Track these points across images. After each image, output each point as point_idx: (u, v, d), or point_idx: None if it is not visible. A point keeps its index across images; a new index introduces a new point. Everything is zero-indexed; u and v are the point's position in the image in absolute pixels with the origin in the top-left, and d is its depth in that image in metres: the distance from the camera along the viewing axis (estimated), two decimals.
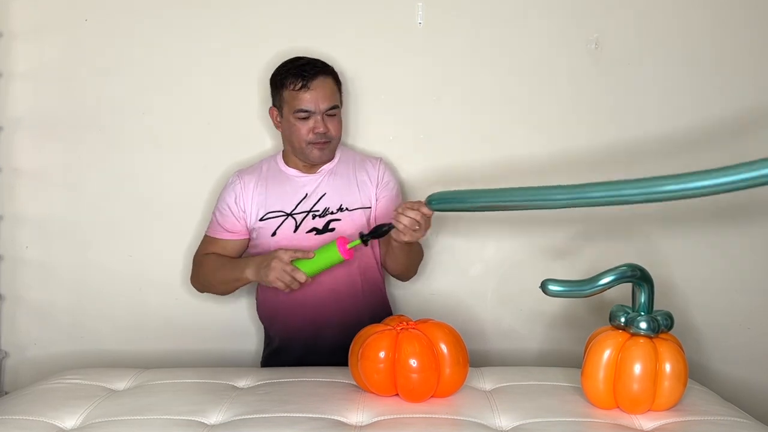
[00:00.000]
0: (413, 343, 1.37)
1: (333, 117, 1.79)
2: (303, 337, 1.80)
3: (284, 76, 1.78)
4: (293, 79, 1.76)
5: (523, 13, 2.02)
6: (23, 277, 2.06)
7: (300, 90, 1.75)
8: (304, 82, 1.75)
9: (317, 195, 1.83)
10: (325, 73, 1.78)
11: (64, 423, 1.30)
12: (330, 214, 1.81)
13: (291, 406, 1.34)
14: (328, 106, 1.77)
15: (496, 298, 2.08)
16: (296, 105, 1.76)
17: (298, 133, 1.78)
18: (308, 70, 1.76)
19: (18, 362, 2.08)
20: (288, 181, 1.84)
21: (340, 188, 1.83)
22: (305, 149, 1.79)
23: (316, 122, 1.76)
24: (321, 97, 1.76)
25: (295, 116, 1.77)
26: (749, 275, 2.06)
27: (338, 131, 1.82)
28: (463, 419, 1.31)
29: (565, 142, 2.05)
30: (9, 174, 2.04)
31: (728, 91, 2.03)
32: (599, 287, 1.36)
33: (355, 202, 1.83)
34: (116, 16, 2.01)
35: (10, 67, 2.01)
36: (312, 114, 1.76)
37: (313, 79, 1.75)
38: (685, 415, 1.33)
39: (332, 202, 1.82)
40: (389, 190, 1.86)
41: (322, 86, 1.76)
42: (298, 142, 1.79)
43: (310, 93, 1.75)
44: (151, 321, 2.07)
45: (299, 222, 1.81)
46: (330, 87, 1.78)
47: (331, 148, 1.82)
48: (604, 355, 1.34)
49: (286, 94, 1.78)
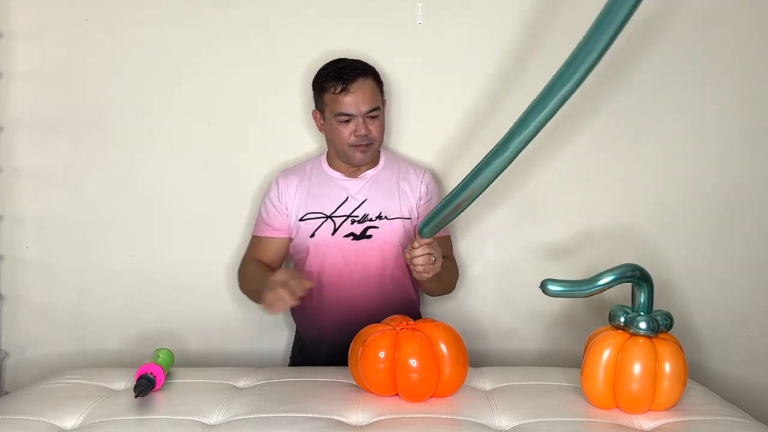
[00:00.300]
0: (413, 343, 1.37)
1: (375, 119, 1.78)
2: (331, 339, 1.80)
3: (324, 80, 1.78)
4: (333, 82, 1.76)
5: (523, 13, 2.02)
6: (23, 277, 2.07)
7: (340, 93, 1.75)
8: (344, 86, 1.74)
9: (358, 200, 1.83)
10: (365, 75, 1.77)
11: (64, 423, 1.30)
12: (369, 220, 1.81)
13: (291, 406, 1.34)
14: (368, 109, 1.76)
15: (496, 298, 2.08)
16: (337, 108, 1.76)
17: (340, 135, 1.78)
18: (348, 72, 1.75)
19: (18, 362, 2.08)
20: (330, 183, 1.85)
21: (382, 196, 1.83)
22: (347, 151, 1.80)
23: (357, 125, 1.76)
24: (361, 99, 1.75)
25: (337, 119, 1.77)
26: (749, 275, 2.06)
27: (380, 133, 1.81)
28: (463, 419, 1.31)
29: (565, 141, 2.05)
30: (9, 174, 2.04)
31: (728, 91, 2.03)
32: (599, 287, 1.36)
33: (395, 211, 1.82)
34: (116, 17, 2.02)
35: (11, 67, 2.01)
36: (353, 117, 1.76)
37: (353, 82, 1.75)
38: (684, 415, 1.33)
39: (372, 209, 1.82)
40: (432, 204, 1.84)
41: (362, 89, 1.75)
42: (341, 144, 1.79)
43: (350, 96, 1.75)
44: (151, 321, 2.07)
45: (338, 225, 1.80)
46: (370, 89, 1.77)
47: (374, 150, 1.82)
48: (604, 355, 1.34)
49: (326, 97, 1.78)
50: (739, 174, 2.05)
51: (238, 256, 2.04)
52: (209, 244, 2.07)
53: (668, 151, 2.04)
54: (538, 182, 2.06)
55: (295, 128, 2.05)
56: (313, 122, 1.98)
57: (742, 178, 2.05)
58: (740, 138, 2.04)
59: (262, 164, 2.05)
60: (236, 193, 2.06)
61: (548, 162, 2.05)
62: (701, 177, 2.05)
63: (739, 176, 2.05)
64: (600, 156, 2.05)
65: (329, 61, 1.82)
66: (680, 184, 2.05)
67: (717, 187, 2.05)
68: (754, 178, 2.05)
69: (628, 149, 2.05)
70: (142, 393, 1.36)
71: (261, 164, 2.05)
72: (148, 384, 1.39)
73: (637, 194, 2.05)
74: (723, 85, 2.03)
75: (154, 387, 1.41)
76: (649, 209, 2.05)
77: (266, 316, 2.04)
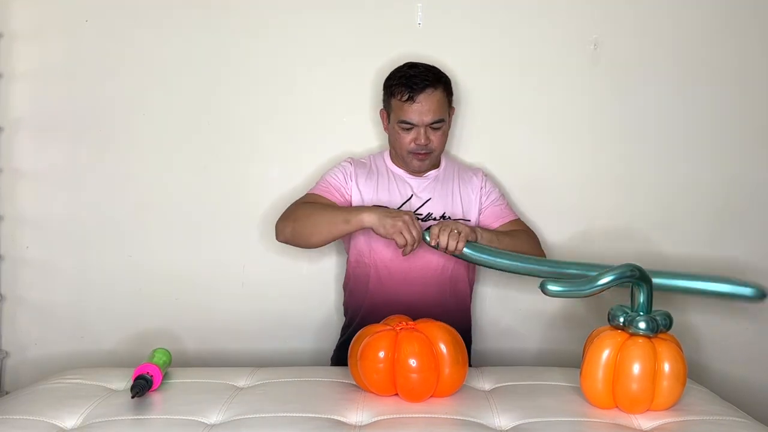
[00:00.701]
0: (413, 343, 1.37)
1: (437, 130, 1.79)
2: None
3: (394, 85, 1.79)
4: (401, 89, 1.76)
5: (522, 15, 2.03)
6: (24, 277, 2.07)
7: (406, 102, 1.76)
8: (410, 94, 1.75)
9: (422, 198, 1.84)
10: (434, 86, 1.76)
11: (64, 423, 1.30)
12: (432, 219, 1.82)
13: (291, 406, 1.34)
14: (431, 120, 1.77)
15: (496, 298, 2.08)
16: (401, 116, 1.77)
17: (401, 141, 1.80)
18: (417, 82, 1.75)
19: (18, 362, 2.08)
20: (395, 179, 1.87)
21: (445, 196, 1.85)
22: (406, 157, 1.82)
23: (419, 134, 1.77)
24: (425, 110, 1.75)
25: (400, 126, 1.78)
26: (748, 275, 2.05)
27: (441, 143, 1.82)
28: (463, 419, 1.31)
29: (563, 142, 2.05)
30: (9, 174, 2.04)
31: (728, 92, 2.04)
32: (598, 287, 1.35)
33: (458, 212, 1.85)
34: (116, 17, 2.02)
35: (11, 68, 2.01)
36: (415, 126, 1.77)
37: (420, 93, 1.75)
38: (683, 414, 1.33)
39: (436, 208, 1.83)
40: (492, 200, 1.88)
41: (428, 100, 1.75)
42: (400, 149, 1.82)
43: (415, 106, 1.75)
44: (151, 321, 2.07)
45: None
46: (437, 100, 1.77)
47: (432, 159, 1.84)
48: (603, 355, 1.34)
49: (393, 102, 1.79)
50: (739, 174, 2.05)
51: (238, 255, 2.05)
52: (209, 244, 2.07)
53: (668, 151, 2.05)
54: (537, 182, 2.06)
55: (295, 128, 2.06)
56: (312, 122, 1.99)
57: (741, 178, 2.05)
58: (740, 138, 2.05)
59: (262, 164, 2.06)
60: (236, 193, 2.06)
61: (548, 162, 2.06)
62: (701, 177, 2.05)
63: (738, 176, 2.05)
64: (600, 156, 2.06)
65: (403, 64, 1.82)
66: (680, 185, 2.05)
67: (717, 187, 2.05)
68: (754, 179, 2.05)
69: (628, 149, 2.05)
70: (139, 393, 1.36)
71: (261, 164, 2.06)
72: (145, 384, 1.39)
73: (637, 194, 2.06)
74: (723, 85, 2.03)
75: (151, 387, 1.41)
76: (648, 209, 2.06)
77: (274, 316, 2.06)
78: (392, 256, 1.79)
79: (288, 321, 2.08)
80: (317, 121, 2.04)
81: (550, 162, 2.06)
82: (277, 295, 2.07)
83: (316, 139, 2.04)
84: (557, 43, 2.03)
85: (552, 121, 2.05)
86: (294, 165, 2.03)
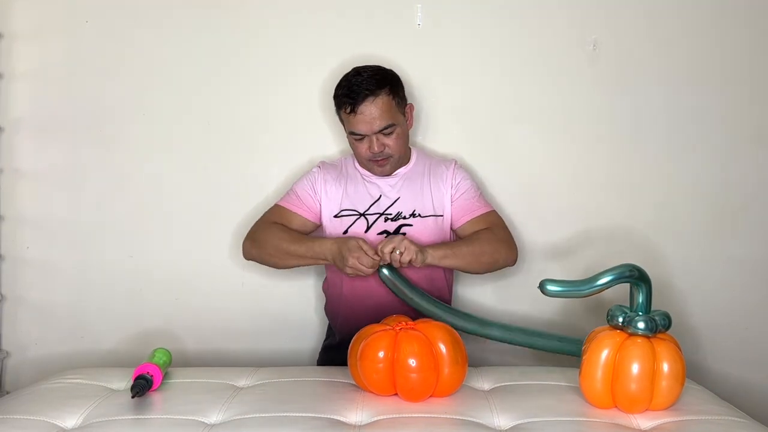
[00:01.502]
0: (412, 343, 1.37)
1: (389, 135, 1.77)
2: None
3: (339, 97, 1.77)
4: (343, 101, 1.75)
5: (521, 15, 2.03)
6: (24, 277, 2.07)
7: (350, 114, 1.74)
8: (352, 107, 1.73)
9: (391, 198, 1.83)
10: (375, 94, 1.72)
11: (64, 422, 1.30)
12: (402, 218, 1.81)
13: (290, 406, 1.35)
14: (380, 128, 1.74)
15: (495, 298, 2.08)
16: (349, 128, 1.77)
17: (357, 151, 1.80)
18: (358, 92, 1.72)
19: (19, 362, 2.08)
20: (363, 182, 1.86)
21: (414, 193, 1.83)
22: (366, 165, 1.82)
23: (371, 143, 1.76)
24: (370, 120, 1.73)
25: (351, 137, 1.78)
26: (747, 275, 2.06)
27: (398, 146, 1.79)
28: (462, 419, 1.31)
29: (563, 142, 2.06)
30: (10, 175, 2.04)
31: (726, 93, 2.04)
32: (597, 287, 1.36)
33: (428, 209, 1.83)
34: (117, 18, 2.02)
35: (12, 68, 2.02)
36: (365, 136, 1.76)
37: (361, 103, 1.72)
38: (682, 414, 1.33)
39: (405, 206, 1.82)
40: (461, 191, 1.84)
41: (370, 109, 1.72)
42: (359, 158, 1.82)
43: (359, 117, 1.73)
44: (151, 321, 2.08)
45: (371, 223, 1.81)
46: (382, 107, 1.73)
47: (393, 163, 1.82)
48: (602, 355, 1.34)
49: (341, 115, 1.79)
50: (739, 175, 2.05)
51: (238, 255, 2.04)
52: (209, 244, 2.08)
53: (667, 151, 2.05)
54: (537, 182, 2.06)
55: (295, 128, 2.06)
56: (312, 124, 2.00)
57: (740, 178, 2.05)
58: (739, 139, 2.05)
59: (262, 164, 2.06)
60: (236, 193, 2.06)
61: (547, 162, 2.06)
62: (700, 177, 2.05)
63: (737, 177, 2.05)
64: (599, 157, 2.06)
65: (349, 72, 1.79)
66: (679, 185, 2.06)
67: (715, 188, 2.06)
68: (753, 179, 2.05)
69: (627, 149, 2.05)
70: (139, 393, 1.36)
71: (261, 164, 2.06)
72: (146, 384, 1.39)
73: (636, 194, 2.06)
74: (722, 85, 2.03)
75: (152, 387, 1.41)
76: (647, 209, 2.06)
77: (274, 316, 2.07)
78: None
79: (288, 321, 2.08)
80: (317, 122, 2.04)
81: (549, 162, 2.06)
82: (277, 295, 2.07)
83: (316, 139, 2.05)
84: (556, 44, 2.03)
85: (551, 121, 2.05)
86: (294, 165, 2.03)
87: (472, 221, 1.82)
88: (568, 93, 2.04)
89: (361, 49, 1.99)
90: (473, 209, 1.83)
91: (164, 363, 1.50)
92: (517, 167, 2.06)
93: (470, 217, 1.83)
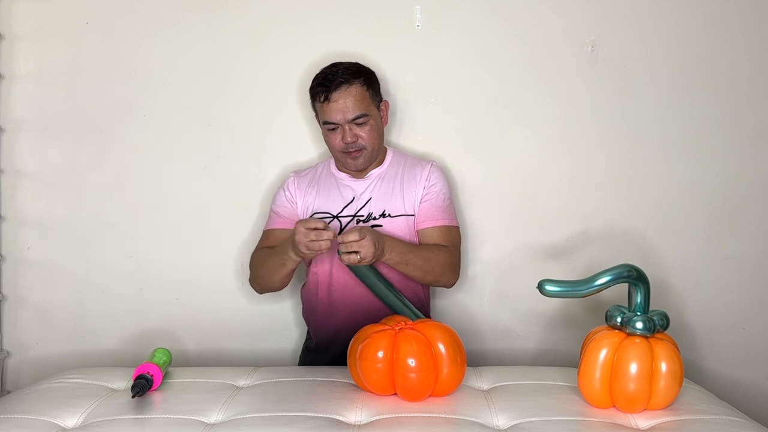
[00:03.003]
0: (411, 343, 1.37)
1: (363, 125, 1.77)
2: (340, 339, 1.79)
3: (313, 88, 1.80)
4: (318, 90, 1.77)
5: (520, 17, 2.03)
6: (25, 277, 2.08)
7: (324, 102, 1.76)
8: (326, 94, 1.75)
9: (363, 199, 1.83)
10: (349, 83, 1.75)
11: (65, 422, 1.31)
12: (373, 219, 1.81)
13: (290, 406, 1.35)
14: (353, 116, 1.75)
15: (494, 299, 2.08)
16: (323, 117, 1.78)
17: (331, 143, 1.81)
18: (332, 80, 1.75)
19: (20, 362, 2.09)
20: (337, 185, 1.86)
21: (386, 194, 1.83)
22: (340, 158, 1.82)
23: (344, 132, 1.76)
24: (344, 108, 1.75)
25: (325, 127, 1.79)
26: (745, 275, 2.06)
27: (371, 138, 1.79)
28: (461, 418, 1.31)
29: (561, 143, 2.06)
30: (11, 175, 2.05)
31: (724, 93, 2.04)
32: (596, 287, 1.36)
33: (398, 208, 1.82)
34: (117, 19, 2.03)
35: (13, 69, 2.02)
36: (338, 125, 1.77)
37: (335, 90, 1.74)
38: (680, 414, 1.33)
39: (376, 207, 1.82)
40: (432, 194, 1.82)
41: (344, 97, 1.74)
42: (333, 151, 1.82)
43: (332, 105, 1.75)
44: (152, 321, 2.08)
45: (344, 225, 1.82)
46: (356, 96, 1.75)
47: (367, 156, 1.81)
48: (601, 355, 1.34)
49: (316, 106, 1.81)
50: (736, 175, 2.05)
51: (238, 255, 2.05)
52: (209, 244, 2.08)
53: (665, 151, 2.05)
54: (535, 183, 2.06)
55: (295, 130, 2.06)
56: (312, 124, 2.00)
57: (738, 179, 2.05)
58: (737, 139, 2.05)
59: (262, 165, 2.06)
60: (236, 194, 2.06)
61: (546, 162, 2.06)
62: (698, 178, 2.06)
63: (735, 177, 2.05)
64: (597, 157, 2.06)
65: (325, 66, 1.82)
66: (677, 185, 2.06)
67: (714, 188, 2.06)
68: (751, 179, 2.05)
69: (626, 150, 2.05)
70: (140, 393, 1.37)
71: (261, 165, 2.06)
72: (146, 384, 1.39)
73: (634, 195, 2.06)
74: (721, 85, 2.04)
75: (152, 387, 1.42)
76: (646, 210, 2.06)
77: (273, 316, 2.07)
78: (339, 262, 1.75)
79: (288, 321, 2.09)
80: (317, 123, 2.04)
81: (548, 162, 2.06)
82: (277, 295, 2.07)
83: (316, 140, 2.05)
84: (555, 44, 2.04)
85: (550, 121, 2.05)
86: (294, 165, 2.03)
87: (433, 229, 1.80)
88: (567, 94, 2.04)
89: (361, 51, 1.99)
90: (437, 217, 1.81)
91: (164, 363, 1.50)
92: (515, 168, 2.06)
93: (432, 224, 1.81)
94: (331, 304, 1.82)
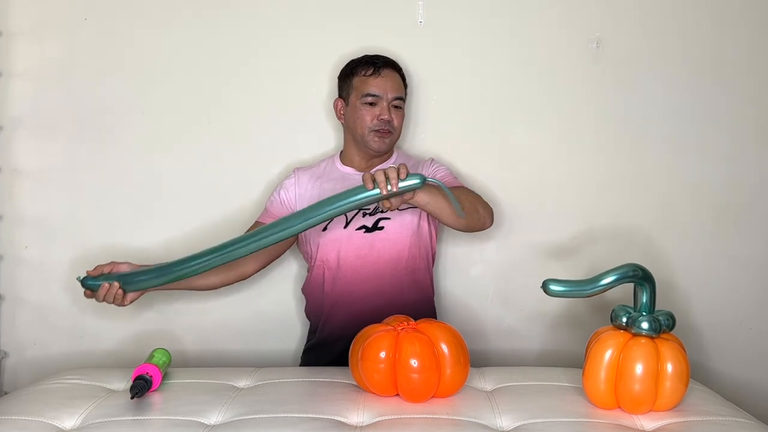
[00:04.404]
0: (414, 344, 1.37)
1: (398, 109, 1.85)
2: (345, 335, 1.74)
3: (356, 65, 1.86)
4: (365, 66, 1.84)
5: (524, 13, 2.02)
6: (23, 277, 2.06)
7: (371, 75, 1.82)
8: (375, 68, 1.83)
9: None
10: (394, 67, 1.86)
11: (63, 423, 1.30)
12: (380, 212, 1.82)
13: (291, 406, 1.34)
14: (395, 96, 1.83)
15: (497, 299, 2.08)
16: (365, 89, 1.82)
17: (362, 119, 1.82)
18: (380, 59, 1.86)
19: (17, 362, 2.08)
20: (342, 179, 1.86)
21: None
22: (366, 137, 1.83)
23: (382, 109, 1.82)
24: (390, 85, 1.83)
25: (363, 101, 1.82)
26: (751, 275, 2.06)
27: (400, 125, 1.87)
28: (464, 419, 1.31)
29: (565, 140, 2.05)
30: (8, 174, 2.03)
31: (729, 90, 2.03)
32: (601, 287, 1.35)
33: None
34: (116, 16, 2.02)
35: (10, 67, 2.01)
36: (379, 100, 1.81)
37: (383, 68, 1.84)
38: (686, 415, 1.33)
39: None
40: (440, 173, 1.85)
41: (391, 76, 1.84)
42: (361, 128, 1.83)
43: (380, 79, 1.82)
44: (151, 321, 2.07)
45: (350, 219, 1.82)
46: (398, 80, 1.86)
47: (392, 140, 1.86)
48: (606, 356, 1.34)
49: (356, 80, 1.84)
50: (742, 174, 2.05)
51: None
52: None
53: (671, 151, 2.05)
54: (539, 182, 2.05)
55: (295, 128, 2.06)
56: (312, 122, 1.99)
57: (744, 178, 2.05)
58: (743, 138, 2.05)
59: (262, 164, 2.06)
60: (236, 193, 2.05)
61: (550, 161, 2.05)
62: (704, 177, 2.05)
63: (741, 176, 2.05)
64: (602, 156, 2.05)
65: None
66: (683, 184, 2.05)
67: (719, 187, 2.05)
68: (757, 179, 2.05)
69: (631, 149, 2.05)
70: (139, 394, 1.36)
71: (261, 164, 2.06)
72: (145, 385, 1.38)
73: (640, 194, 2.05)
74: (726, 83, 2.03)
75: (151, 387, 1.40)
76: (651, 209, 2.05)
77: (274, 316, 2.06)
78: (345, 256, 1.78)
79: (288, 321, 2.08)
80: (317, 122, 2.03)
81: (552, 161, 2.05)
82: (277, 295, 2.06)
83: (316, 139, 2.04)
84: (559, 42, 2.03)
85: (554, 119, 2.05)
86: (294, 163, 2.02)
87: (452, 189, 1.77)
88: (571, 91, 2.04)
89: (362, 47, 1.98)
90: (453, 184, 1.83)
91: (164, 363, 1.49)
92: (519, 166, 2.06)
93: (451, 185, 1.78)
94: (336, 299, 1.81)
